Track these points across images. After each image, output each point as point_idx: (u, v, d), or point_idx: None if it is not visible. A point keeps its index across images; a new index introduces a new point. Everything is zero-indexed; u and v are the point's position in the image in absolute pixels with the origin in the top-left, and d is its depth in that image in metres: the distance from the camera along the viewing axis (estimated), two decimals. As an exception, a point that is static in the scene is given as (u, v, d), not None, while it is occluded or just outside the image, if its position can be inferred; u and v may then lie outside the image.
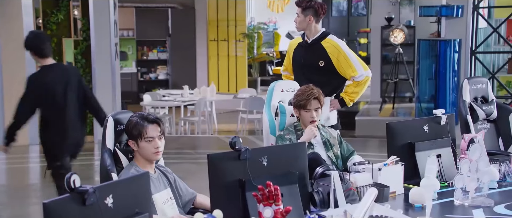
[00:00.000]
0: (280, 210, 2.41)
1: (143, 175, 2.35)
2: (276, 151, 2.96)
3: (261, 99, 10.58)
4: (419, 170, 3.47)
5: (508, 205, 3.13)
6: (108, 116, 3.20)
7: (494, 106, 4.60)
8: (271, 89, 4.07)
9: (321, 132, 3.92)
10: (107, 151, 3.13)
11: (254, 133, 10.63)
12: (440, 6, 8.64)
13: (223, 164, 2.73)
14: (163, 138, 3.20)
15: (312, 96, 3.77)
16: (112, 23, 9.62)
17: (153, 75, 15.63)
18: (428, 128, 3.57)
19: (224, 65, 14.43)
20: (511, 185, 3.48)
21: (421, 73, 8.84)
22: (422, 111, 9.03)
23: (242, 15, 14.38)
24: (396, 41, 11.26)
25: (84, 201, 2.02)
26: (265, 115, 4.03)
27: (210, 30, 14.46)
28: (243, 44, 14.32)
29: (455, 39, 8.56)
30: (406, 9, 12.96)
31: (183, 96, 10.95)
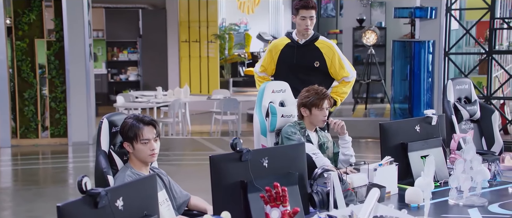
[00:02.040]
0: (287, 211, 2.40)
1: (150, 177, 2.33)
2: (276, 152, 2.96)
3: (235, 100, 10.57)
4: (411, 170, 3.50)
5: (502, 204, 3.18)
6: (103, 117, 3.16)
7: (477, 107, 4.68)
8: (262, 90, 4.08)
9: (319, 134, 3.97)
10: (102, 153, 3.09)
11: (227, 134, 10.61)
12: (414, 8, 8.75)
13: (224, 165, 2.72)
14: (159, 140, 3.17)
15: (325, 95, 3.85)
16: (86, 24, 9.49)
17: (123, 76, 15.47)
18: (420, 128, 3.61)
19: (196, 67, 14.36)
20: (501, 184, 3.54)
21: (396, 74, 8.93)
22: (396, 111, 9.12)
23: (214, 16, 14.34)
24: (368, 42, 11.37)
25: (96, 204, 1.99)
26: (256, 116, 4.02)
27: (182, 31, 14.38)
28: (215, 45, 14.28)
29: (429, 40, 8.68)
30: (377, 10, 13.09)
31: (157, 97, 10.86)
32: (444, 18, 8.69)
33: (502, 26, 8.91)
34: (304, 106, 3.94)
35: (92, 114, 9.81)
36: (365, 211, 2.52)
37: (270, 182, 2.77)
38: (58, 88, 9.62)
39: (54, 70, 9.56)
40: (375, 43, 11.48)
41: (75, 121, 9.63)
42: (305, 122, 3.97)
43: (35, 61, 9.53)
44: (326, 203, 2.93)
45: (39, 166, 8.68)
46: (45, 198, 6.78)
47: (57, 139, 9.72)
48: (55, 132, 9.72)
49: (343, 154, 4.01)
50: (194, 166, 8.22)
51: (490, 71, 8.58)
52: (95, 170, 3.09)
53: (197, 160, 8.29)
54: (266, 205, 2.45)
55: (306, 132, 3.96)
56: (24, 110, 9.58)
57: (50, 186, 7.41)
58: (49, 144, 9.69)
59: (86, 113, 9.66)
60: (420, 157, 3.55)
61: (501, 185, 3.52)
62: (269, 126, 4.03)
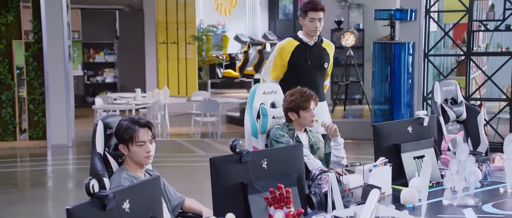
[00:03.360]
0: (291, 213, 2.40)
1: (154, 179, 2.32)
2: (275, 154, 2.96)
3: (215, 102, 10.55)
4: (404, 170, 3.52)
5: (495, 204, 3.22)
6: (98, 119, 3.13)
7: (463, 108, 4.74)
8: (253, 91, 4.07)
9: (309, 135, 3.98)
10: (98, 155, 3.07)
11: (207, 136, 10.58)
12: (395, 10, 8.83)
13: (224, 167, 2.72)
14: (154, 142, 3.15)
15: (311, 96, 3.86)
16: (65, 25, 9.39)
17: (100, 78, 15.33)
18: (412, 129, 3.64)
19: (174, 68, 14.30)
20: (492, 184, 3.58)
21: (376, 76, 9.00)
22: (376, 113, 9.19)
23: (192, 18, 14.30)
24: (347, 44, 11.43)
25: (105, 206, 1.98)
26: (247, 117, 4.02)
27: (159, 32, 14.31)
28: (193, 47, 14.24)
29: (409, 42, 8.76)
30: (355, 12, 13.17)
31: (136, 99, 10.79)
32: (424, 20, 8.79)
33: (479, 29, 9.03)
34: (291, 110, 3.95)
35: (71, 116, 9.71)
36: (367, 212, 2.54)
37: (269, 184, 2.78)
38: (36, 90, 9.49)
39: (33, 72, 9.44)
40: (353, 45, 11.54)
41: (55, 123, 9.51)
42: (294, 124, 3.98)
43: (12, 62, 9.40)
44: (324, 204, 2.94)
45: (18, 169, 8.56)
46: (28, 201, 6.69)
47: (35, 141, 9.59)
48: (33, 134, 9.59)
49: (335, 156, 4.03)
50: (177, 168, 8.18)
51: (468, 73, 8.69)
52: (91, 173, 3.06)
53: (179, 162, 8.25)
54: (270, 207, 2.45)
55: (295, 133, 3.96)
56: (1, 112, 9.44)
57: (30, 190, 7.32)
58: (27, 146, 9.56)
59: (66, 115, 9.55)
60: (413, 157, 3.58)
61: (492, 185, 3.57)
62: (260, 127, 4.03)
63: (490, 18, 8.84)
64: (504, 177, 3.60)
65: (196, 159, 8.68)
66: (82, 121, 11.58)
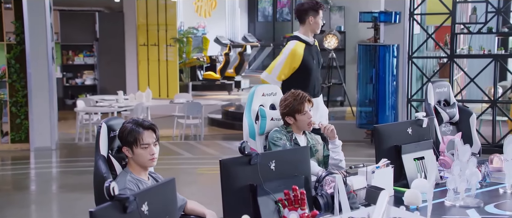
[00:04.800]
0: (306, 215, 2.39)
1: (170, 181, 2.30)
2: (283, 155, 2.96)
3: (198, 104, 10.52)
4: (405, 172, 3.54)
5: (497, 205, 3.25)
6: (101, 122, 3.10)
7: (456, 109, 4.79)
8: (252, 93, 4.06)
9: (308, 137, 3.98)
10: (101, 157, 3.04)
11: (189, 138, 10.53)
12: (379, 12, 8.88)
13: (234, 169, 2.71)
14: (158, 144, 3.13)
15: (305, 98, 3.84)
16: (48, 27, 9.27)
17: (79, 80, 15.16)
18: (412, 130, 3.66)
19: (155, 70, 14.22)
20: (491, 185, 3.62)
21: (361, 78, 9.04)
22: (361, 114, 9.24)
23: (173, 20, 14.23)
24: (330, 46, 11.48)
25: (125, 209, 1.96)
26: (245, 119, 4.01)
27: (140, 34, 14.21)
28: (174, 49, 14.17)
29: (394, 44, 8.83)
30: (336, 15, 13.25)
31: (119, 101, 10.70)
32: (408, 23, 8.86)
33: (462, 31, 9.14)
34: (288, 115, 3.94)
35: (55, 119, 9.59)
36: (378, 213, 2.54)
37: (278, 185, 2.78)
38: (19, 92, 9.36)
39: (15, 74, 9.30)
40: (335, 47, 11.61)
41: (37, 126, 9.38)
42: (292, 127, 3.98)
43: (-6, 64, 9.28)
44: (331, 206, 2.94)
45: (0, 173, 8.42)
46: (11, 205, 6.58)
47: (18, 144, 9.45)
48: (16, 137, 9.45)
49: (332, 158, 4.03)
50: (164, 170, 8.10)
51: (451, 75, 8.79)
52: (95, 175, 3.03)
53: (166, 164, 8.19)
54: (284, 209, 2.44)
55: (294, 135, 3.96)
56: (-18, 115, 9.30)
57: (13, 193, 7.20)
58: (9, 149, 9.42)
59: (49, 117, 9.43)
60: (413, 159, 3.60)
61: (491, 186, 3.61)
62: (258, 129, 4.02)
63: (473, 21, 8.95)
64: (502, 178, 3.65)
65: (182, 161, 8.64)
66: (62, 124, 11.45)
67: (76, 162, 8.79)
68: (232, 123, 11.93)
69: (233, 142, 10.36)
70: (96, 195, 3.03)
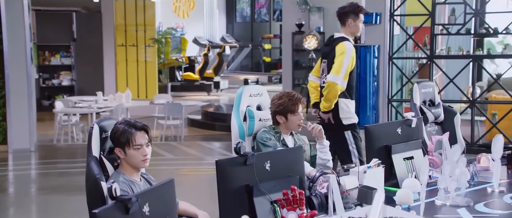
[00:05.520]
0: (304, 215, 2.40)
1: (169, 182, 2.29)
2: (277, 156, 2.96)
3: (179, 105, 10.48)
4: (395, 171, 3.57)
5: (487, 204, 3.29)
6: (93, 123, 3.07)
7: (441, 109, 4.84)
8: (239, 94, 4.05)
9: (295, 138, 3.99)
10: (94, 159, 3.01)
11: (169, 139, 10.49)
12: (360, 14, 8.91)
13: (230, 169, 2.71)
14: (150, 145, 3.11)
15: (299, 99, 3.86)
16: (26, 27, 9.15)
17: (56, 81, 15.01)
18: (401, 130, 3.69)
19: (133, 71, 14.14)
20: (479, 184, 3.66)
21: (343, 78, 9.07)
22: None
23: (151, 20, 14.16)
24: (309, 47, 11.52)
25: (128, 210, 1.95)
26: (234, 120, 4.00)
27: (118, 35, 14.11)
28: (152, 49, 14.10)
29: (374, 45, 8.89)
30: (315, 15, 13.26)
31: (98, 102, 10.61)
32: (388, 24, 8.93)
33: (442, 32, 9.23)
34: (280, 113, 3.96)
35: (33, 120, 9.47)
36: (375, 213, 2.55)
37: (273, 186, 2.79)
38: (-4, 93, 9.24)
39: (-8, 74, 9.18)
40: (315, 48, 11.65)
41: (16, 127, 9.26)
42: (280, 127, 3.99)
43: (-30, 65, 9.12)
44: (325, 206, 2.95)
45: (-23, 175, 8.30)
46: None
47: (-4, 146, 9.33)
48: (-7, 139, 9.33)
49: (320, 158, 4.05)
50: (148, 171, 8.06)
51: (431, 75, 8.88)
52: (87, 176, 3.00)
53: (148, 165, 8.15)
54: (282, 209, 2.44)
55: (281, 136, 3.98)
56: (-41, 117, 9.15)
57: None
58: (-13, 151, 9.30)
59: (28, 119, 9.31)
60: (403, 159, 3.62)
61: (479, 185, 3.65)
62: (247, 129, 4.02)
63: (452, 22, 9.05)
64: (490, 177, 3.69)
65: (164, 162, 8.59)
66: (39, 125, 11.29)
67: (55, 164, 8.70)
68: (212, 123, 11.92)
69: (213, 143, 10.35)
70: (88, 196, 3.00)
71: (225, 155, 9.21)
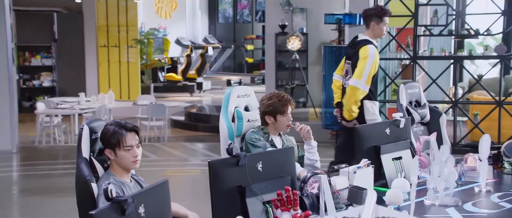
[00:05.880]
0: (298, 215, 2.40)
1: (163, 183, 2.28)
2: (269, 156, 2.96)
3: (162, 106, 10.45)
4: (384, 172, 3.59)
5: (475, 203, 3.33)
6: (83, 124, 3.05)
7: (427, 110, 4.87)
8: (227, 95, 4.05)
9: (283, 139, 4.00)
10: (84, 160, 2.99)
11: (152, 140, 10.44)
12: (344, 14, 8.97)
13: (222, 170, 2.71)
14: (141, 146, 3.10)
15: (289, 100, 3.86)
16: (8, 27, 9.05)
17: (37, 82, 14.87)
18: (390, 131, 3.71)
19: (116, 72, 14.06)
20: (466, 184, 3.69)
21: (327, 79, 9.11)
22: (327, 115, 9.32)
23: (134, 21, 14.10)
24: (293, 48, 11.55)
25: (124, 211, 1.94)
26: (223, 121, 3.99)
27: (100, 35, 14.03)
28: (135, 50, 14.03)
29: (358, 46, 8.90)
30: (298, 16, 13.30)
31: (80, 103, 10.54)
32: (372, 25, 8.95)
33: (425, 33, 9.30)
34: (269, 114, 3.96)
35: (15, 122, 9.38)
36: (367, 213, 2.56)
37: (265, 186, 2.80)
38: (-22, 94, 9.14)
39: (-28, 76, 9.08)
40: (299, 49, 11.68)
41: (-3, 129, 9.18)
42: (269, 128, 4.00)
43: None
44: (317, 206, 2.96)
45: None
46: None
47: (-23, 148, 9.22)
48: (-25, 140, 9.22)
49: (308, 158, 4.06)
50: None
51: (414, 76, 8.93)
52: (77, 178, 2.98)
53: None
54: (276, 209, 2.44)
55: (270, 136, 3.99)
56: None
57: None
58: (-32, 153, 9.20)
59: (9, 120, 9.21)
60: (392, 159, 3.65)
61: (466, 185, 3.68)
62: (235, 130, 4.01)
63: (434, 23, 9.11)
64: (477, 177, 3.73)
65: (149, 163, 8.55)
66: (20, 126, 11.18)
67: (37, 165, 8.62)
68: (195, 124, 11.90)
69: (196, 144, 10.33)
70: (78, 197, 2.98)
71: (209, 156, 9.20)
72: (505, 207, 3.27)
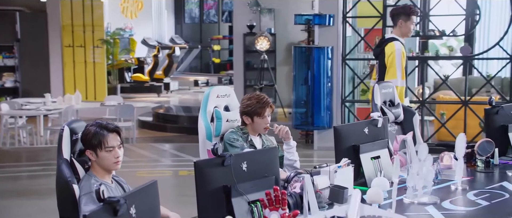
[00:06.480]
0: (287, 214, 2.41)
1: (153, 184, 2.27)
2: (253, 156, 2.97)
3: (131, 106, 10.36)
4: (363, 171, 3.62)
5: (452, 201, 3.38)
6: (64, 125, 3.01)
7: (401, 109, 4.92)
8: (207, 95, 4.04)
9: (263, 139, 4.01)
10: (65, 161, 2.95)
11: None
12: (314, 15, 9.02)
13: (208, 170, 2.70)
14: (122, 147, 3.07)
15: (267, 103, 3.87)
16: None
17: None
18: (368, 130, 3.74)
19: (81, 73, 13.88)
20: (442, 182, 3.75)
21: (297, 80, 9.16)
22: (297, 116, 9.36)
23: (99, 20, 13.94)
24: (262, 48, 11.57)
25: (116, 212, 1.93)
26: (201, 121, 3.97)
27: (65, 35, 13.84)
28: (101, 50, 13.88)
29: (328, 46, 8.99)
30: (266, 17, 13.32)
31: (46, 104, 10.37)
32: (341, 25, 9.05)
33: (392, 34, 9.39)
34: (247, 114, 3.97)
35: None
36: (353, 212, 2.59)
37: (250, 186, 2.80)
38: None
39: None
40: (267, 49, 11.71)
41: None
42: (247, 128, 4.01)
43: None
44: (300, 206, 2.97)
45: None
46: None
47: None
48: None
49: (287, 159, 4.07)
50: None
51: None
52: (58, 179, 2.94)
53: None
54: (265, 209, 2.44)
55: (249, 137, 3.99)
56: None
57: None
58: None
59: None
60: (370, 158, 3.68)
61: (442, 183, 3.73)
62: (214, 130, 4.00)
63: (402, 24, 9.21)
64: (452, 175, 3.79)
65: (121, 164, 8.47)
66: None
67: (2, 168, 8.45)
68: (163, 125, 11.83)
69: (165, 144, 10.27)
70: (59, 199, 2.93)
71: (178, 156, 9.16)
72: (482, 205, 3.33)
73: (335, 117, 9.11)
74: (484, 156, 4.09)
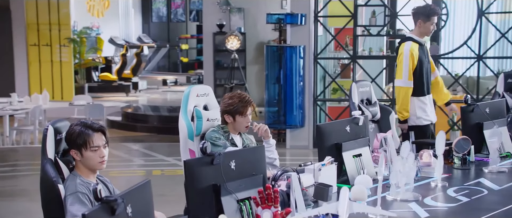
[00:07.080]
0: (279, 212, 2.41)
1: (146, 183, 2.25)
2: (241, 155, 2.97)
3: (101, 106, 10.25)
4: (345, 169, 3.65)
5: (433, 197, 3.43)
6: (48, 124, 2.96)
7: (378, 108, 4.98)
8: (187, 94, 4.01)
9: (243, 137, 4.02)
10: (49, 161, 2.91)
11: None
12: (286, 14, 9.06)
13: (198, 169, 2.69)
14: (107, 147, 3.04)
15: (249, 102, 3.88)
16: None
17: (-40, 83, 14.22)
18: (350, 128, 3.77)
19: (47, 72, 13.65)
20: (422, 179, 3.80)
21: (270, 78, 9.18)
22: (269, 114, 9.39)
23: (66, 19, 13.72)
24: (232, 47, 11.57)
25: (114, 211, 1.91)
26: (182, 120, 3.95)
27: (30, 34, 13.58)
28: (68, 49, 13.67)
29: (300, 45, 9.03)
30: (236, 16, 13.32)
31: (13, 104, 10.17)
32: (313, 25, 9.10)
33: (363, 33, 9.51)
34: (228, 113, 3.97)
35: None
36: (342, 210, 2.60)
37: (239, 185, 2.80)
38: None
39: None
40: (237, 48, 11.72)
41: None
42: (229, 127, 4.01)
43: None
44: (287, 203, 2.97)
45: None
46: None
47: None
48: None
49: (267, 157, 4.07)
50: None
51: (354, 75, 9.13)
52: (42, 179, 2.90)
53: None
54: (257, 207, 2.44)
55: (230, 135, 4.00)
56: None
57: None
58: None
59: None
60: (352, 156, 3.71)
61: (422, 180, 3.79)
62: (195, 129, 3.98)
63: (372, 23, 9.34)
64: (431, 172, 3.85)
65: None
66: None
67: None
68: (133, 124, 11.73)
69: (136, 144, 10.19)
70: (43, 199, 2.89)
71: (150, 156, 9.09)
72: (462, 201, 3.39)
73: (307, 115, 9.16)
74: (461, 153, 4.16)
